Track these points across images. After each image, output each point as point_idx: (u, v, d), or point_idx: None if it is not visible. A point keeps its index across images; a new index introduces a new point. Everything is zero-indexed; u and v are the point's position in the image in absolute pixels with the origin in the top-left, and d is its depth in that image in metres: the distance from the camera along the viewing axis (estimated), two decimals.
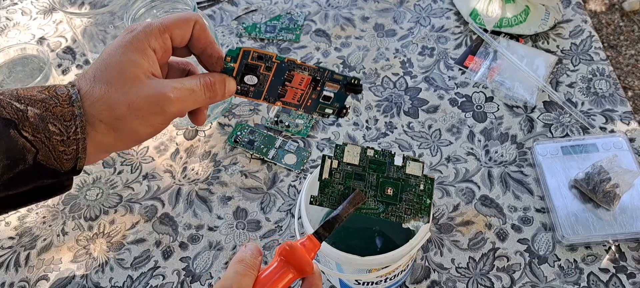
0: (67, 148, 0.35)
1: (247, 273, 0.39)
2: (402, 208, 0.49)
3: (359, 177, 0.49)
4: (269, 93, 0.45)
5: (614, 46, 1.92)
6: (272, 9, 0.96)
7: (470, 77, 0.83)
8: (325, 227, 0.45)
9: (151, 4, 0.72)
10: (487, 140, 0.76)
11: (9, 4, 1.03)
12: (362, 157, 0.49)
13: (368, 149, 0.49)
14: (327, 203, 0.48)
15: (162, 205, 0.74)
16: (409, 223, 0.49)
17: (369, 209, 0.48)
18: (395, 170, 0.49)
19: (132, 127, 0.37)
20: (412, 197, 0.49)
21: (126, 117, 0.36)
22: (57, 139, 0.35)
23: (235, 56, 0.42)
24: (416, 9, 0.93)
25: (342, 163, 0.49)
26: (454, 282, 0.65)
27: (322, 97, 0.47)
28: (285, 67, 0.44)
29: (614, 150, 0.72)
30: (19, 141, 0.34)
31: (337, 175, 0.48)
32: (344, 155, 0.49)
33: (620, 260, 0.65)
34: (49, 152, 0.35)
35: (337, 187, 0.48)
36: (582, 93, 0.80)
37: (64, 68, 0.91)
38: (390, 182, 0.49)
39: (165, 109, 0.37)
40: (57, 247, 0.71)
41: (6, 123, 0.33)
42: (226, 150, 0.79)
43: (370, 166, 0.49)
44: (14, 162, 0.34)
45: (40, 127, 0.34)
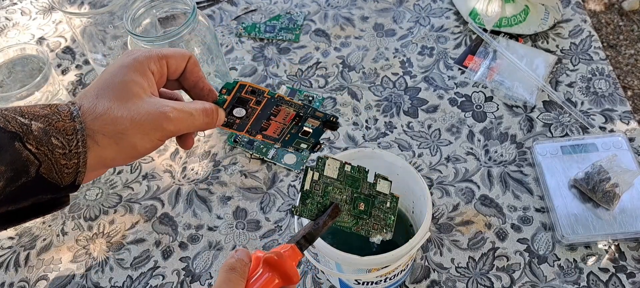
0: (68, 162, 0.36)
1: (238, 282, 0.40)
2: (370, 223, 0.52)
3: (335, 191, 0.51)
4: (252, 126, 0.48)
5: (614, 46, 1.92)
6: (271, 9, 0.96)
7: (470, 77, 0.83)
8: (307, 238, 0.47)
9: (151, 4, 0.72)
10: (486, 140, 0.76)
11: (8, 4, 1.03)
12: (340, 172, 0.51)
13: (346, 164, 0.51)
14: (306, 214, 0.50)
15: (161, 205, 0.74)
16: (375, 237, 0.52)
17: (343, 222, 0.51)
18: (367, 186, 0.52)
19: (133, 141, 0.38)
20: (380, 213, 0.52)
21: (129, 131, 0.38)
22: (59, 152, 0.36)
23: (231, 89, 0.44)
24: (416, 9, 0.93)
25: (323, 176, 0.51)
26: (453, 281, 0.65)
27: (301, 132, 0.50)
28: (274, 102, 0.46)
29: (613, 149, 0.72)
30: (23, 153, 0.35)
31: (316, 188, 0.50)
32: (324, 168, 0.51)
33: (620, 260, 0.65)
34: (52, 165, 0.36)
35: (317, 199, 0.50)
36: (581, 93, 0.80)
37: (64, 68, 0.91)
38: (362, 198, 0.52)
39: (164, 126, 0.39)
40: (56, 247, 0.71)
41: (11, 136, 0.34)
42: (226, 150, 0.79)
43: (347, 181, 0.51)
44: (17, 174, 0.35)
45: (43, 140, 0.35)
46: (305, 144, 0.52)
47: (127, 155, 0.39)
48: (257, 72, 0.87)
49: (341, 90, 0.84)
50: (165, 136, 0.40)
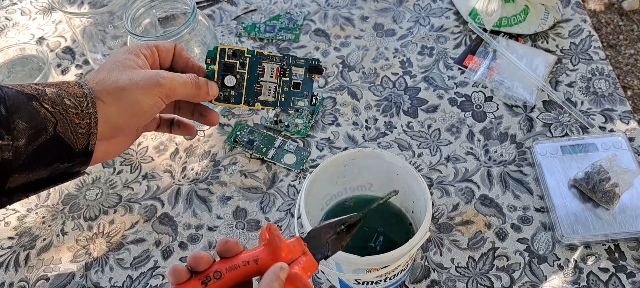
0: (81, 121, 0.39)
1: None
2: None
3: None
4: (247, 94, 0.48)
5: (614, 45, 1.92)
6: (271, 9, 0.96)
7: (470, 77, 0.83)
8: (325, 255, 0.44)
9: (150, 3, 0.72)
10: (486, 140, 0.76)
11: (8, 4, 1.03)
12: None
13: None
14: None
15: (161, 205, 0.74)
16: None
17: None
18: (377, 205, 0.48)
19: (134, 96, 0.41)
20: None
21: (128, 87, 0.41)
22: (72, 112, 0.39)
23: (214, 56, 0.46)
24: (415, 9, 0.93)
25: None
26: (453, 281, 0.65)
27: (292, 85, 0.50)
28: (256, 61, 0.48)
29: (613, 149, 0.72)
30: (41, 111, 0.38)
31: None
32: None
33: (620, 260, 0.65)
34: (67, 123, 0.39)
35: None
36: (581, 92, 0.80)
37: (64, 68, 0.91)
38: None
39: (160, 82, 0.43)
40: (56, 247, 0.71)
41: (29, 97, 0.38)
42: (225, 150, 0.79)
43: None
44: (37, 132, 0.37)
45: (57, 101, 0.39)
46: (302, 100, 0.51)
47: (131, 112, 0.42)
48: None
49: (341, 90, 0.84)
50: (163, 93, 0.43)
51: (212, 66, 0.46)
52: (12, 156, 0.37)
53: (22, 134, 0.37)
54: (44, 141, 0.38)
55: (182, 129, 0.52)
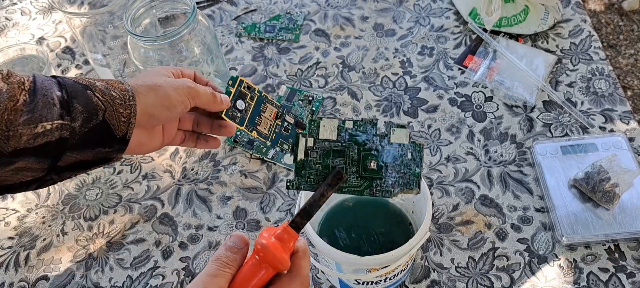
0: (124, 111, 0.45)
1: (218, 273, 0.41)
2: (388, 182, 0.45)
3: (338, 154, 0.45)
4: (249, 122, 0.54)
5: (614, 46, 1.92)
6: (271, 9, 0.96)
7: (470, 77, 0.83)
8: (302, 215, 0.43)
9: (151, 4, 0.72)
10: (486, 140, 0.76)
11: (8, 4, 1.03)
12: (340, 131, 0.46)
13: (346, 122, 0.46)
14: (305, 185, 0.44)
15: (161, 205, 0.74)
16: (398, 196, 0.45)
17: (351, 187, 0.45)
18: (378, 140, 0.45)
19: (167, 92, 0.48)
20: (402, 167, 0.44)
21: (163, 85, 0.48)
22: (117, 102, 0.45)
23: (234, 82, 0.53)
24: (415, 9, 0.93)
25: (319, 141, 0.45)
26: (453, 281, 0.65)
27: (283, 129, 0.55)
28: (261, 100, 0.54)
29: (613, 149, 0.72)
30: (94, 99, 0.44)
31: (314, 155, 0.45)
32: (319, 130, 0.46)
33: (620, 260, 0.65)
34: (113, 111, 0.45)
35: (315, 167, 0.45)
36: (581, 92, 0.80)
37: (64, 68, 0.91)
38: (373, 155, 0.45)
39: (189, 85, 0.50)
40: (56, 247, 0.71)
41: (84, 86, 0.44)
42: (226, 150, 0.79)
43: (351, 140, 0.45)
44: (90, 116, 0.44)
45: (106, 92, 0.45)
46: (287, 145, 0.55)
47: (164, 104, 0.48)
48: (257, 72, 0.87)
49: (341, 90, 0.84)
50: (190, 94, 0.49)
51: (230, 88, 0.53)
52: (69, 135, 0.43)
53: (78, 116, 0.43)
54: (94, 124, 0.44)
55: (208, 142, 0.58)
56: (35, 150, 0.42)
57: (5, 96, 0.41)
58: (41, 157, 0.42)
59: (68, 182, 0.77)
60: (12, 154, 0.41)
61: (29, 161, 0.42)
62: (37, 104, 0.42)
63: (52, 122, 0.42)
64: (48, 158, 0.43)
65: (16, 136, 0.41)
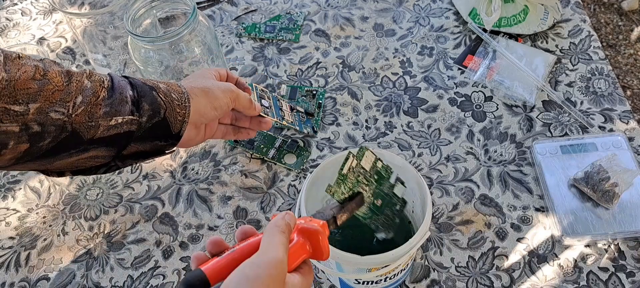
0: (180, 111, 0.52)
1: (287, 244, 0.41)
2: (380, 220, 0.55)
3: (362, 183, 0.54)
4: (278, 115, 0.67)
5: (613, 45, 1.92)
6: (271, 9, 0.96)
7: (470, 77, 0.84)
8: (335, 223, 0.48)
9: (151, 4, 0.72)
10: (486, 140, 0.76)
11: (8, 4, 1.03)
12: (373, 166, 0.55)
13: (378, 160, 0.55)
14: (338, 195, 0.51)
15: (162, 205, 0.74)
16: (380, 234, 0.55)
17: (361, 212, 0.53)
18: (388, 186, 0.55)
19: (216, 93, 0.55)
20: (390, 213, 0.55)
21: (212, 88, 0.55)
22: (176, 103, 0.52)
23: (251, 88, 0.65)
24: (415, 9, 0.93)
25: (359, 165, 0.54)
26: (453, 281, 0.65)
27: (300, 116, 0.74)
28: (275, 98, 0.69)
29: (613, 149, 0.72)
30: (158, 99, 0.51)
31: (352, 174, 0.53)
32: (363, 158, 0.54)
33: (620, 259, 0.65)
34: (172, 110, 0.51)
35: (349, 185, 0.52)
36: (581, 92, 0.80)
37: None
38: (381, 195, 0.55)
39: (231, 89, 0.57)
40: (57, 247, 0.72)
41: (150, 88, 0.51)
42: (226, 150, 0.79)
43: (374, 176, 0.55)
44: (154, 113, 0.50)
45: (167, 93, 0.52)
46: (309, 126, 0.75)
47: (213, 105, 0.55)
48: (257, 72, 0.87)
49: (341, 90, 0.84)
50: (233, 96, 0.57)
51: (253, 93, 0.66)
52: (135, 128, 0.49)
53: (145, 113, 0.49)
54: (156, 121, 0.50)
55: (244, 132, 0.64)
56: (107, 139, 0.48)
57: (90, 91, 0.47)
58: (111, 146, 0.49)
59: (69, 181, 0.77)
60: (89, 142, 0.47)
61: (100, 150, 0.48)
62: (114, 99, 0.48)
63: (124, 116, 0.48)
64: (116, 147, 0.49)
65: (96, 126, 0.47)
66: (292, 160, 0.76)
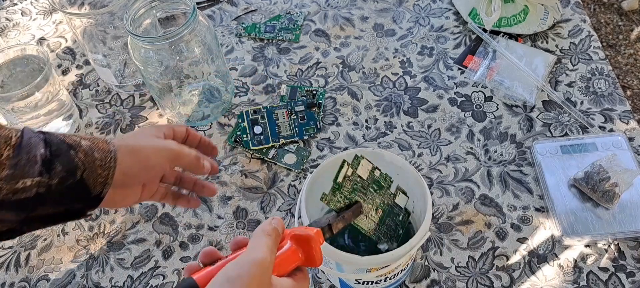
0: (102, 172, 0.47)
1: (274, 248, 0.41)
2: (382, 230, 0.54)
3: (360, 191, 0.53)
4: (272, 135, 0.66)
5: (613, 45, 1.92)
6: (271, 9, 0.96)
7: (470, 77, 0.84)
8: (330, 230, 0.47)
9: (151, 4, 0.72)
10: (486, 140, 0.76)
11: (8, 4, 1.03)
12: (371, 174, 0.53)
13: (376, 169, 0.54)
14: (333, 204, 0.50)
15: (162, 205, 0.74)
16: (382, 244, 0.54)
17: (360, 223, 0.53)
18: (389, 196, 0.54)
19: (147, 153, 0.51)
20: (392, 224, 0.54)
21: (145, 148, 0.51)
22: (98, 163, 0.47)
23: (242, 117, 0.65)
24: (415, 9, 0.93)
25: (355, 174, 0.52)
26: (453, 281, 0.65)
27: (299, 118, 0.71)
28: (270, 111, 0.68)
29: (613, 149, 0.72)
30: (75, 159, 0.46)
31: (346, 184, 0.52)
32: (358, 166, 0.53)
33: (620, 259, 0.65)
34: (91, 172, 0.46)
35: (344, 193, 0.51)
36: (581, 92, 0.80)
37: (64, 68, 0.91)
38: (382, 206, 0.54)
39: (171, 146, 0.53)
40: (57, 247, 0.72)
41: (68, 146, 0.46)
42: (226, 150, 0.79)
43: (372, 186, 0.53)
44: (68, 175, 0.45)
45: (89, 153, 0.47)
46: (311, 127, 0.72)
47: (142, 166, 0.50)
48: (257, 72, 0.87)
49: (341, 90, 0.84)
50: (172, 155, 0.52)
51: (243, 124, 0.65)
52: (45, 191, 0.44)
53: (57, 175, 0.44)
54: (71, 183, 0.45)
55: (189, 202, 0.60)
56: (13, 203, 0.43)
57: None
58: (18, 210, 0.44)
59: None
60: None
61: (5, 213, 0.43)
62: (20, 160, 0.43)
63: (32, 178, 0.43)
64: (24, 212, 0.44)
65: None
66: (292, 160, 0.76)
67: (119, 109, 0.85)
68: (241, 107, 0.83)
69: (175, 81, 0.77)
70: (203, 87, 0.82)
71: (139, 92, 0.86)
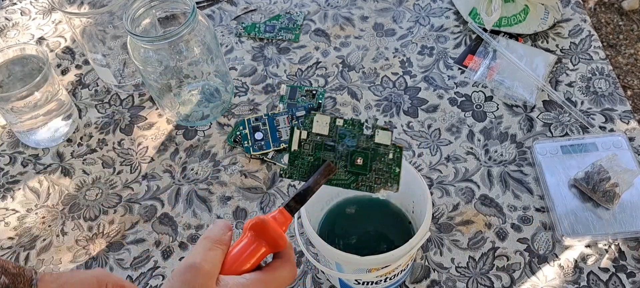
0: None
1: (213, 247, 0.41)
2: (372, 177, 0.49)
3: (328, 148, 0.48)
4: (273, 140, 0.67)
5: (614, 45, 1.92)
6: (271, 9, 0.95)
7: (470, 77, 0.83)
8: (296, 199, 0.45)
9: (150, 4, 0.72)
10: (486, 140, 0.76)
11: (8, 4, 1.03)
12: (332, 127, 0.48)
13: (337, 119, 0.49)
14: (297, 175, 0.47)
15: (161, 205, 0.74)
16: (379, 192, 0.49)
17: (340, 180, 0.48)
18: (365, 139, 0.48)
19: None
20: (382, 166, 0.48)
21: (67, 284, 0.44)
22: None
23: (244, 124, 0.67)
24: (415, 9, 0.93)
25: (312, 134, 0.48)
26: (453, 281, 0.65)
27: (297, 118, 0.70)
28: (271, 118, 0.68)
29: (613, 149, 0.72)
30: None
31: (306, 147, 0.47)
32: (313, 125, 0.48)
33: (620, 259, 0.65)
34: None
35: (307, 159, 0.47)
36: (581, 92, 0.80)
37: (64, 68, 0.91)
38: (359, 152, 0.48)
39: None
40: (56, 247, 0.71)
41: None
42: (225, 150, 0.79)
43: (340, 136, 0.48)
44: None
45: None
46: None
47: None
48: (257, 72, 0.87)
49: (341, 90, 0.84)
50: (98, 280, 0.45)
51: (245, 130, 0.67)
52: None
53: None
54: None
55: None
56: None
57: None
58: None
59: (68, 182, 0.77)
60: None
61: None
62: None
63: None
64: None
65: None
66: None
67: (118, 108, 0.85)
68: (241, 107, 0.83)
69: (175, 81, 0.77)
70: (203, 87, 0.82)
71: (139, 92, 0.86)
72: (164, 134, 0.81)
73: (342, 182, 0.48)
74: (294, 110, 0.78)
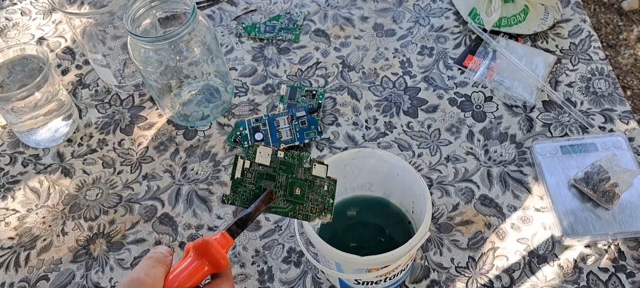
0: None
1: (155, 265, 0.43)
2: (308, 207, 0.52)
3: (269, 177, 0.51)
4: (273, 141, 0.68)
5: (613, 46, 1.92)
6: (271, 9, 0.96)
7: (470, 77, 0.83)
8: (238, 224, 0.47)
9: (150, 4, 0.72)
10: (486, 140, 0.76)
11: (8, 4, 1.03)
12: (273, 159, 0.52)
13: (278, 151, 0.52)
14: (239, 202, 0.50)
15: (161, 205, 0.74)
16: (314, 220, 0.52)
17: (278, 208, 0.51)
18: (303, 171, 0.52)
19: None
20: (317, 197, 0.52)
21: None
22: None
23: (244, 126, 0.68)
24: (415, 9, 0.93)
25: (254, 164, 0.51)
26: (453, 281, 0.65)
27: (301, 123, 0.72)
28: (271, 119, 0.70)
29: (613, 149, 0.72)
30: None
31: (249, 175, 0.50)
32: (255, 156, 0.51)
33: (620, 260, 0.65)
34: None
35: (249, 187, 0.50)
36: (581, 92, 0.80)
37: (64, 68, 0.91)
38: (298, 183, 0.52)
39: None
40: (57, 247, 0.72)
41: None
42: (226, 150, 0.79)
43: (281, 167, 0.52)
44: None
45: None
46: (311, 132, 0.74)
47: None
48: (257, 72, 0.87)
49: (341, 90, 0.84)
50: None
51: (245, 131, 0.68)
52: None
53: None
54: None
55: None
56: None
57: None
58: None
59: (69, 182, 0.77)
60: None
61: None
62: None
63: None
64: None
65: None
66: None
67: (118, 108, 0.85)
68: (241, 107, 0.83)
69: (175, 81, 0.77)
70: (203, 87, 0.82)
71: (139, 92, 0.86)
72: (164, 134, 0.81)
73: (281, 209, 0.51)
74: (294, 111, 0.78)
